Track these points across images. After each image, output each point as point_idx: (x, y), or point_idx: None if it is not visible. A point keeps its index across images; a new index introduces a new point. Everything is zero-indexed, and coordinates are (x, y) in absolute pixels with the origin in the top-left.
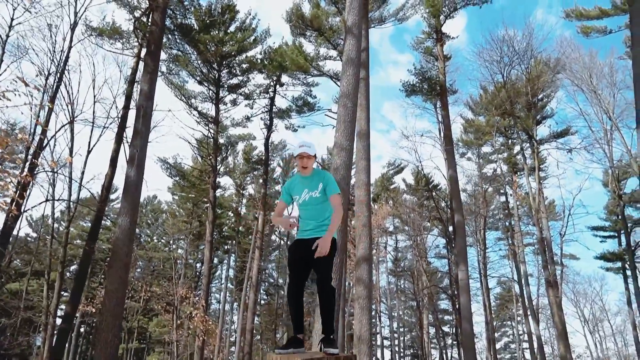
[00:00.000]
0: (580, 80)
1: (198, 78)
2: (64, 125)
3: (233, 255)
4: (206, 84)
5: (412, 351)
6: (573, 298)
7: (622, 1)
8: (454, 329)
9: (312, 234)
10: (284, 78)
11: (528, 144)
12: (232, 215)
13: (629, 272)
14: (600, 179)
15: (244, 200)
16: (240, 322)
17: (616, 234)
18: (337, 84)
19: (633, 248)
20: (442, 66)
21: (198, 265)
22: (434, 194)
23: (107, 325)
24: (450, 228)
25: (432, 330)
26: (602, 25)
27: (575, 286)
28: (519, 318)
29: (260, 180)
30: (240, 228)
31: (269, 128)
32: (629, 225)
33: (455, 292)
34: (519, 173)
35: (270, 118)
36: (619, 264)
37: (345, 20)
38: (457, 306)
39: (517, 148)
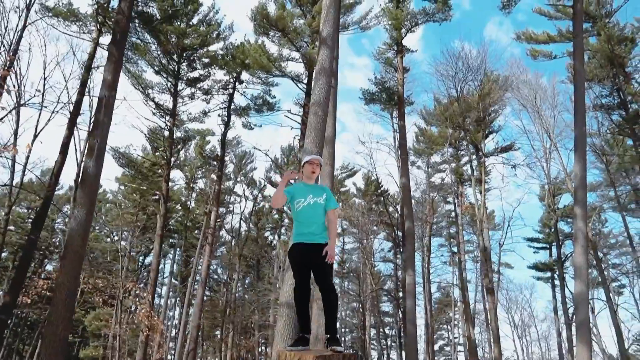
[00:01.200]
0: (526, 100)
1: (156, 68)
2: (10, 111)
3: (178, 249)
4: (165, 75)
5: (352, 351)
6: (505, 304)
7: (566, 29)
8: (395, 331)
9: (315, 239)
10: (244, 76)
11: (475, 157)
12: (180, 209)
13: (557, 282)
14: (537, 193)
15: (194, 195)
16: (184, 317)
17: (548, 246)
18: (298, 86)
19: (563, 260)
20: (400, 77)
21: (141, 258)
22: (382, 198)
23: (57, 317)
24: (400, 233)
25: (372, 332)
26: (549, 50)
27: (508, 293)
28: (455, 322)
29: (214, 176)
30: (188, 222)
31: (227, 125)
32: (560, 238)
33: (401, 295)
34: (465, 183)
35: (228, 115)
36: (548, 274)
37: (321, 31)
38: (402, 309)
39: (464, 159)
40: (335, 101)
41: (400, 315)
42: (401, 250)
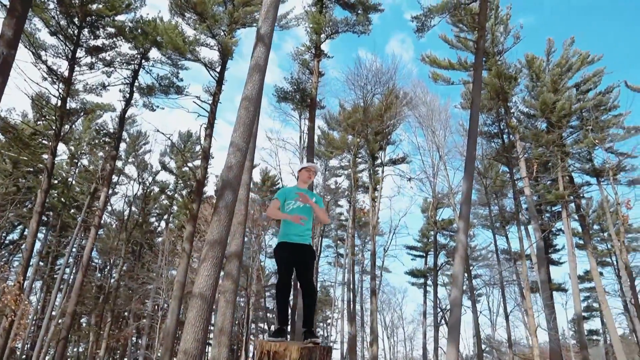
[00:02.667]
0: (423, 119)
1: (53, 29)
2: None
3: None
4: (62, 39)
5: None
6: (379, 306)
7: (464, 60)
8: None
9: (300, 240)
10: (153, 53)
11: (371, 165)
12: (60, 184)
13: (429, 288)
14: (420, 205)
15: (77, 171)
16: (52, 303)
17: (424, 254)
18: (210, 74)
19: (438, 268)
20: (315, 81)
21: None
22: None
23: None
24: None
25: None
26: (448, 76)
27: (383, 295)
28: (332, 321)
29: (102, 154)
30: (66, 200)
31: (128, 102)
32: (438, 248)
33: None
34: (359, 190)
35: (131, 92)
36: (422, 280)
37: (259, 27)
38: (291, 305)
39: (361, 167)
40: (260, 98)
41: (290, 312)
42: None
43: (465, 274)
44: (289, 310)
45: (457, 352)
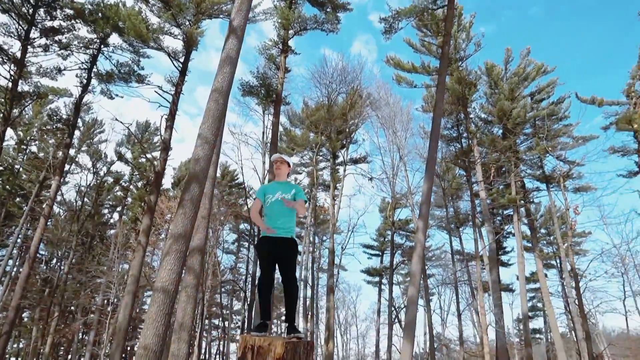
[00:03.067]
0: (386, 120)
1: (5, 6)
2: None
3: None
4: (15, 17)
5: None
6: (335, 303)
7: (427, 64)
8: (240, 323)
9: (282, 233)
10: (113, 39)
11: (333, 164)
12: (6, 172)
13: (383, 287)
14: (378, 204)
15: (25, 158)
16: None
17: (380, 254)
18: (174, 64)
19: (394, 267)
20: (282, 76)
21: None
22: (242, 191)
23: None
24: (256, 229)
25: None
26: (412, 79)
27: (338, 293)
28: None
29: (53, 141)
30: (11, 188)
31: (85, 88)
32: (394, 247)
33: (251, 288)
34: (319, 187)
35: (89, 77)
36: (377, 279)
37: (232, 20)
38: (248, 302)
39: (322, 165)
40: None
41: (247, 307)
42: (255, 244)
43: (421, 274)
44: (271, 305)
45: (412, 348)
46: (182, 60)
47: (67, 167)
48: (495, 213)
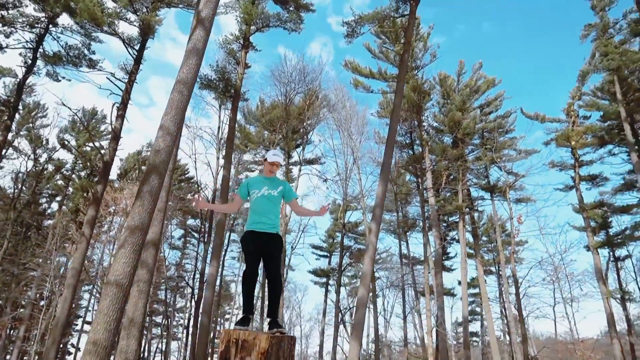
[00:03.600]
0: (341, 122)
1: None
2: None
3: None
4: None
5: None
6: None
7: (384, 71)
8: (186, 321)
9: (267, 228)
10: (63, 20)
11: (287, 163)
12: None
13: (330, 288)
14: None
15: None
16: None
17: (328, 255)
18: (128, 51)
19: (343, 269)
20: (241, 72)
21: None
22: (183, 184)
23: None
24: (207, 224)
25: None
26: (369, 84)
27: (285, 292)
28: (230, 316)
29: None
30: None
31: (30, 69)
32: (344, 249)
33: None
34: None
35: (34, 58)
36: (324, 280)
37: (200, 10)
38: (194, 298)
39: None
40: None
41: (194, 305)
42: (204, 240)
43: (371, 275)
44: (254, 300)
45: (360, 348)
46: (137, 48)
47: (3, 151)
48: (441, 219)
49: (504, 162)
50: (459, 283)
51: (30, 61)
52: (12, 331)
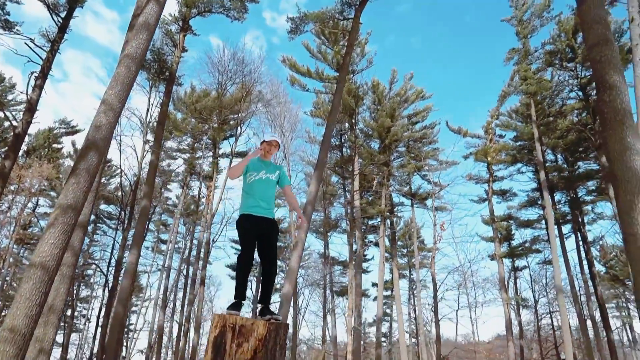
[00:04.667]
0: (274, 117)
1: None
2: None
3: None
4: None
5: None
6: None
7: (321, 71)
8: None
9: (264, 213)
10: None
11: (214, 154)
12: None
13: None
14: None
15: None
16: None
17: None
18: (53, 18)
19: None
20: (178, 55)
21: None
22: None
23: None
24: (128, 210)
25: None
26: (305, 82)
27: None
28: (140, 308)
29: None
30: None
31: None
32: None
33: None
34: (194, 177)
35: None
36: None
37: None
38: (109, 287)
39: (201, 154)
40: None
41: (107, 294)
42: (123, 227)
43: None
44: (247, 285)
45: None
46: (63, 15)
47: None
48: (363, 222)
49: (426, 171)
50: (373, 285)
51: None
52: None
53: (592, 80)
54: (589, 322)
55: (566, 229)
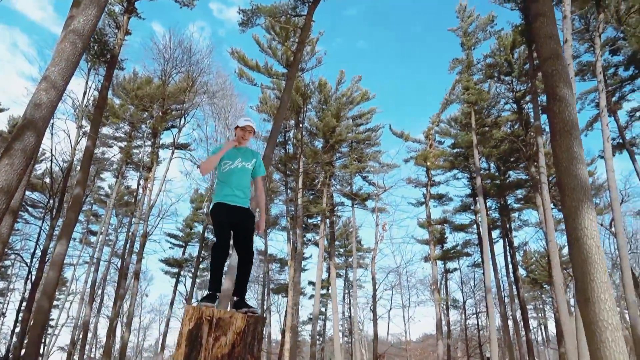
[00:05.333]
0: (219, 110)
1: None
2: None
3: None
4: None
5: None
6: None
7: (270, 66)
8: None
9: (240, 202)
10: None
11: (153, 144)
12: None
13: (181, 279)
14: (190, 194)
15: None
16: None
17: (184, 245)
18: None
19: (201, 260)
20: (121, 37)
21: None
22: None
23: None
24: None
25: None
26: (253, 77)
27: (129, 281)
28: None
29: None
30: None
31: None
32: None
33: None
34: (130, 166)
35: None
36: (176, 270)
37: None
38: (32, 279)
39: (138, 142)
40: None
41: (29, 286)
42: (51, 215)
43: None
44: (222, 276)
45: None
46: None
47: None
48: (303, 221)
49: (368, 173)
50: (309, 283)
51: None
52: None
53: (526, 94)
54: (510, 322)
55: (495, 234)
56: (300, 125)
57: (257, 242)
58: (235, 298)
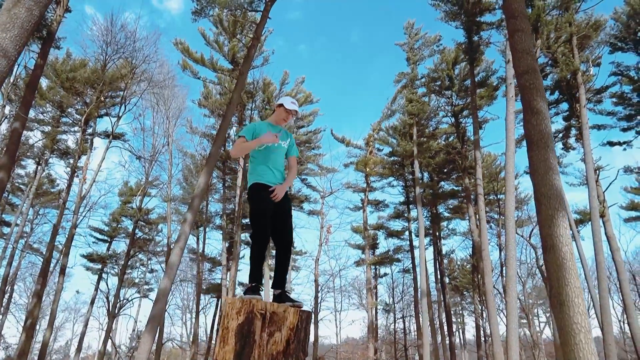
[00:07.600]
0: (159, 100)
1: None
2: None
3: None
4: None
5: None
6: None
7: (215, 60)
8: None
9: (278, 182)
10: None
11: (83, 132)
12: None
13: (104, 275)
14: (120, 187)
15: None
16: None
17: (109, 240)
18: None
19: (130, 257)
20: (60, 14)
21: None
22: None
23: None
24: None
25: None
26: (197, 69)
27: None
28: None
29: None
30: None
31: None
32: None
33: None
34: (55, 154)
35: None
36: (99, 266)
37: None
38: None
39: (65, 128)
40: None
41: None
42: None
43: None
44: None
45: (153, 342)
46: None
47: None
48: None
49: (306, 175)
50: (242, 284)
51: None
52: None
53: (464, 109)
54: (437, 326)
55: (425, 241)
56: (244, 123)
57: (192, 240)
58: (275, 291)
